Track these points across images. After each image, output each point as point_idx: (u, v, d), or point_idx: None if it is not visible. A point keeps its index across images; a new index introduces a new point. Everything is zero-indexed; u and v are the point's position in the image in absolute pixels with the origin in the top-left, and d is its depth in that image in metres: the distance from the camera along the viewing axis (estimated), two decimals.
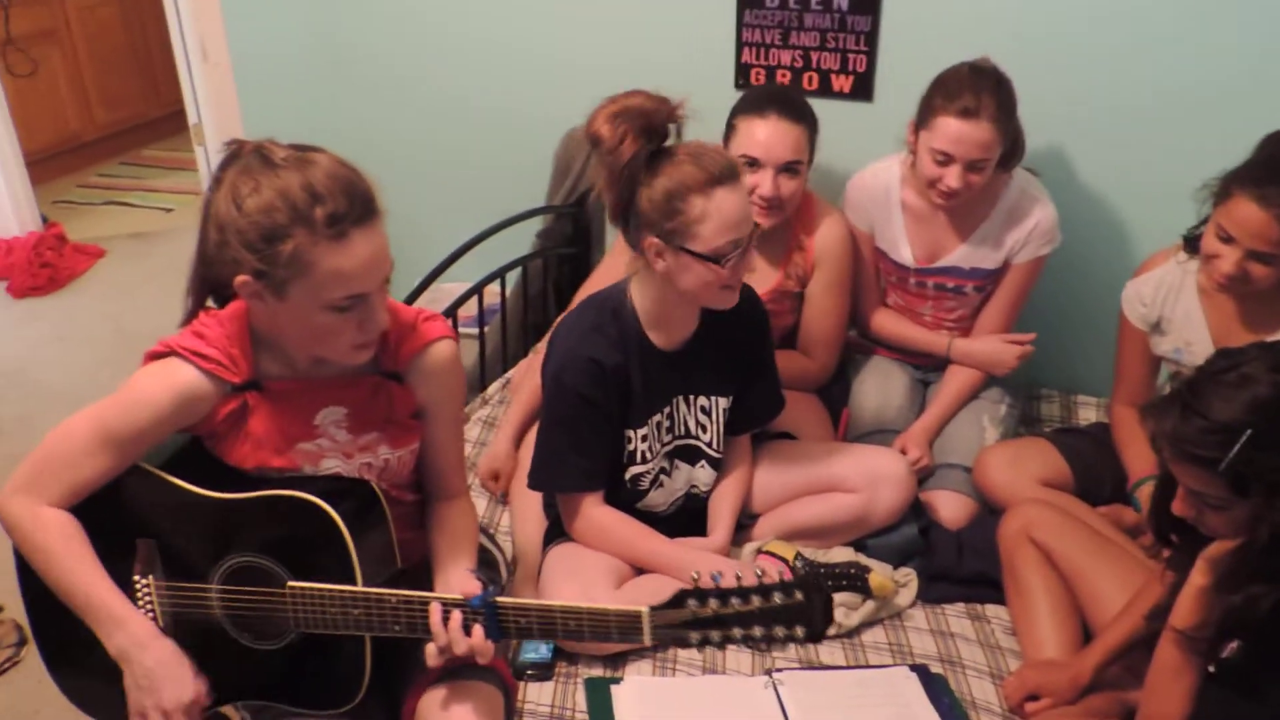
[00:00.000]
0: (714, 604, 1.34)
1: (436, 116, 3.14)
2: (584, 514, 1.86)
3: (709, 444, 1.95)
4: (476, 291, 2.58)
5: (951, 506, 2.18)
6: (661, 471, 1.93)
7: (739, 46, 2.68)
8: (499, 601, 1.40)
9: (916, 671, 1.76)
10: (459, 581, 1.47)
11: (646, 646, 1.74)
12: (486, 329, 2.73)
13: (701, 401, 1.92)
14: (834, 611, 1.39)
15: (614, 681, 1.72)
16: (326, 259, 1.30)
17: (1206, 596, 1.43)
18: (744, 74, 2.70)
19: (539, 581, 1.89)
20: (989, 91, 2.07)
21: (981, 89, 2.07)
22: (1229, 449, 1.30)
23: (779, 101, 2.20)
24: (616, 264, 2.26)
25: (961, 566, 2.02)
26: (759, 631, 1.34)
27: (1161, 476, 1.50)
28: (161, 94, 5.53)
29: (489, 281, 2.63)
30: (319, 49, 3.22)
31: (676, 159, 1.67)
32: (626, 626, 1.38)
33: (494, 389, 2.59)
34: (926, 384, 2.51)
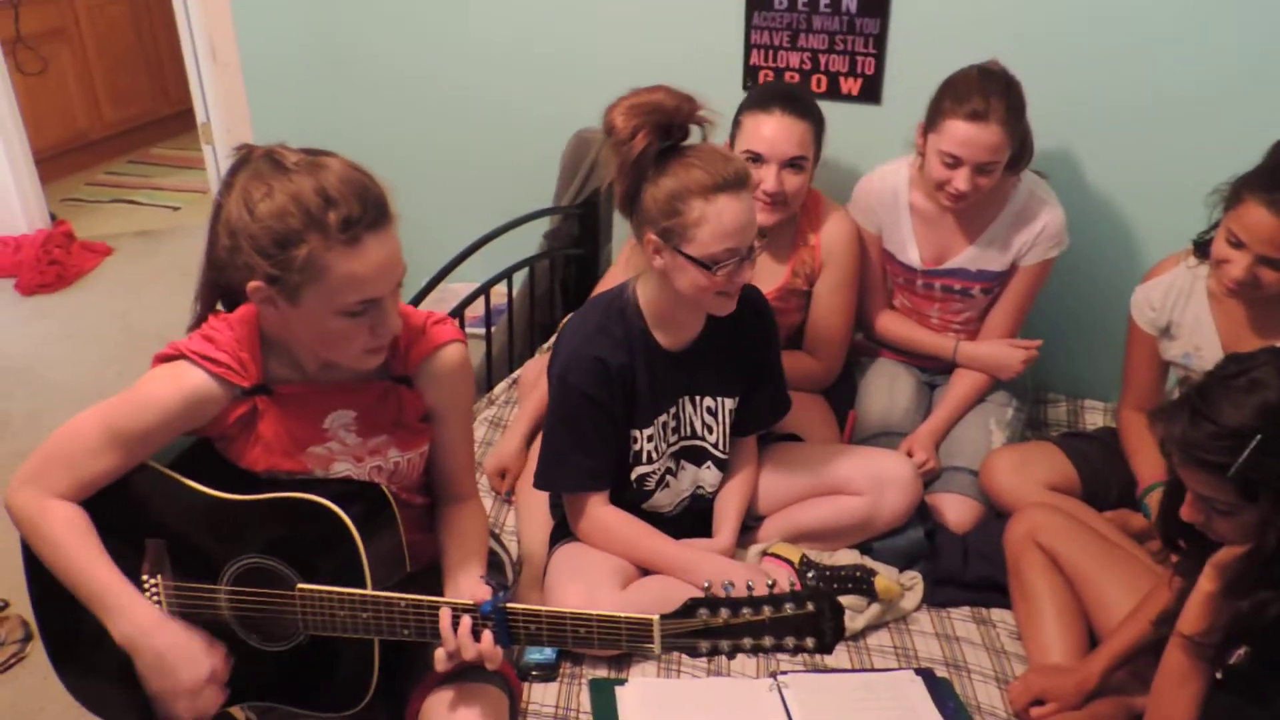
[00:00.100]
0: (725, 613, 1.34)
1: (445, 117, 3.15)
2: (589, 514, 1.86)
3: (715, 445, 1.95)
4: (483, 292, 2.58)
5: (957, 510, 2.18)
6: (667, 472, 1.93)
7: (747, 48, 2.68)
8: (509, 607, 1.40)
9: (921, 675, 1.76)
10: (469, 587, 1.47)
11: (656, 654, 1.74)
12: (493, 329, 2.74)
13: (707, 402, 1.92)
14: (844, 626, 1.38)
15: (619, 683, 1.72)
16: (340, 264, 1.30)
17: (1214, 602, 1.42)
18: (752, 76, 2.70)
19: (544, 582, 1.89)
20: (998, 94, 2.06)
21: (990, 92, 2.06)
22: (1238, 454, 1.30)
23: (784, 97, 2.20)
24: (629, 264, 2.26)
25: (967, 570, 2.01)
26: (769, 641, 1.34)
27: (1170, 482, 1.50)
28: (170, 93, 5.55)
29: (496, 282, 2.63)
30: (328, 50, 3.22)
31: (686, 160, 1.67)
32: (637, 634, 1.37)
33: (500, 389, 2.59)
34: (933, 387, 2.50)
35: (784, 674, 1.74)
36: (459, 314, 2.47)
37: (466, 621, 1.39)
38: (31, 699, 2.20)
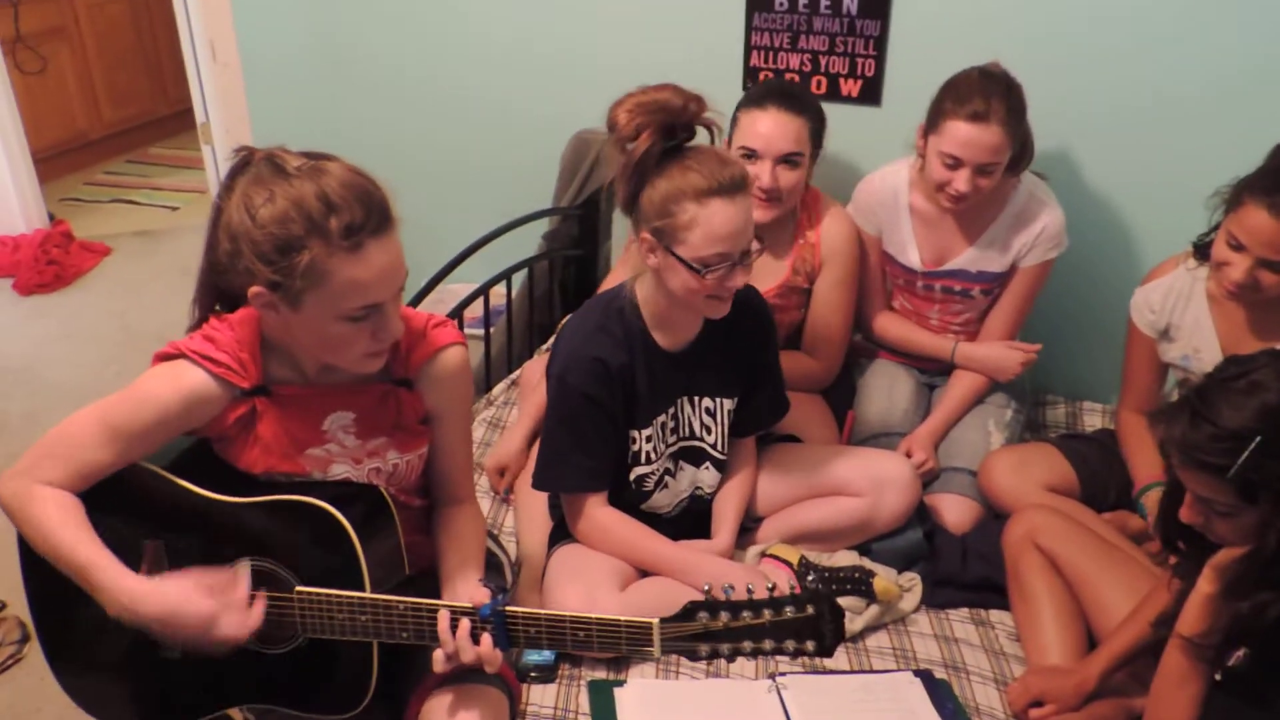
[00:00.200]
0: (725, 617, 1.34)
1: (444, 117, 3.14)
2: (587, 514, 1.86)
3: (713, 446, 1.95)
4: (483, 293, 2.58)
5: (956, 511, 2.18)
6: (666, 473, 1.93)
7: (747, 50, 2.68)
8: (508, 610, 1.40)
9: (920, 676, 1.76)
10: (467, 591, 1.47)
11: (655, 658, 1.74)
12: (492, 330, 2.74)
13: (706, 403, 1.92)
14: (844, 630, 1.38)
15: (617, 684, 1.72)
16: (342, 270, 1.29)
17: (1213, 604, 1.42)
18: (752, 77, 2.70)
19: (543, 583, 1.89)
20: (999, 96, 2.06)
21: (991, 93, 2.06)
22: (1238, 456, 1.30)
23: (779, 94, 2.21)
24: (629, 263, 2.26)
25: (966, 571, 2.01)
26: (769, 645, 1.34)
27: (1169, 483, 1.50)
28: (169, 92, 5.55)
29: (495, 283, 2.63)
30: (328, 50, 3.22)
31: (685, 162, 1.66)
32: (636, 637, 1.37)
33: (499, 390, 2.59)
34: (932, 388, 2.50)
35: (783, 675, 1.74)
36: (458, 315, 2.47)
37: (465, 624, 1.38)
38: (29, 700, 2.20)
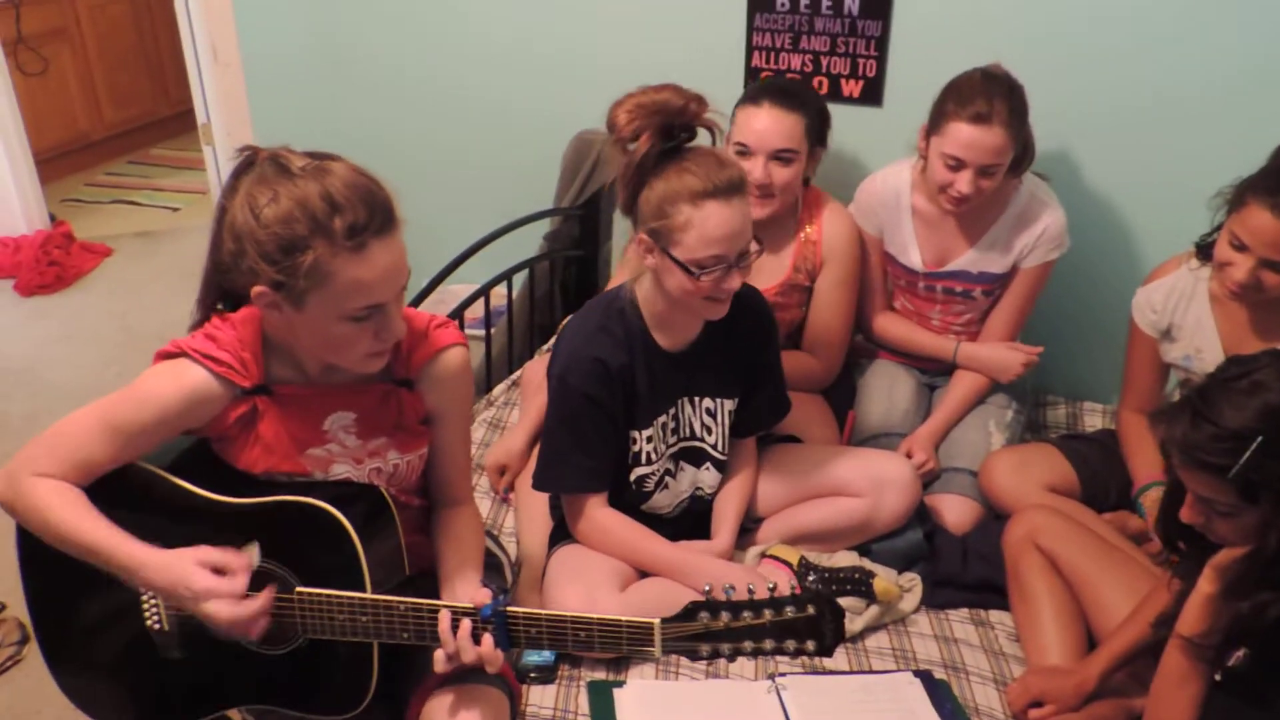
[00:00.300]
0: (725, 617, 1.34)
1: (446, 118, 3.15)
2: (587, 515, 1.86)
3: (714, 446, 1.95)
4: (484, 293, 2.58)
5: (957, 511, 2.18)
6: (666, 473, 1.93)
7: (749, 50, 2.68)
8: (509, 611, 1.40)
9: (920, 677, 1.76)
10: (467, 591, 1.47)
11: (656, 658, 1.74)
12: (493, 330, 2.73)
13: (707, 403, 1.92)
14: (844, 630, 1.38)
15: (617, 685, 1.72)
16: (346, 270, 1.29)
17: (1214, 604, 1.42)
18: (754, 77, 2.70)
19: (543, 583, 1.89)
20: (1001, 97, 2.06)
21: (994, 94, 2.06)
22: (1239, 456, 1.30)
23: (774, 91, 2.22)
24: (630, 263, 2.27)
25: (966, 572, 2.01)
26: (770, 644, 1.34)
27: (1170, 483, 1.50)
28: (170, 93, 5.55)
29: (496, 283, 2.63)
30: (329, 50, 3.22)
31: (682, 163, 1.66)
32: (637, 637, 1.37)
33: (500, 390, 2.59)
34: (932, 388, 2.50)
35: (782, 676, 1.74)
36: (459, 315, 2.47)
37: (466, 625, 1.38)
38: (28, 701, 2.20)
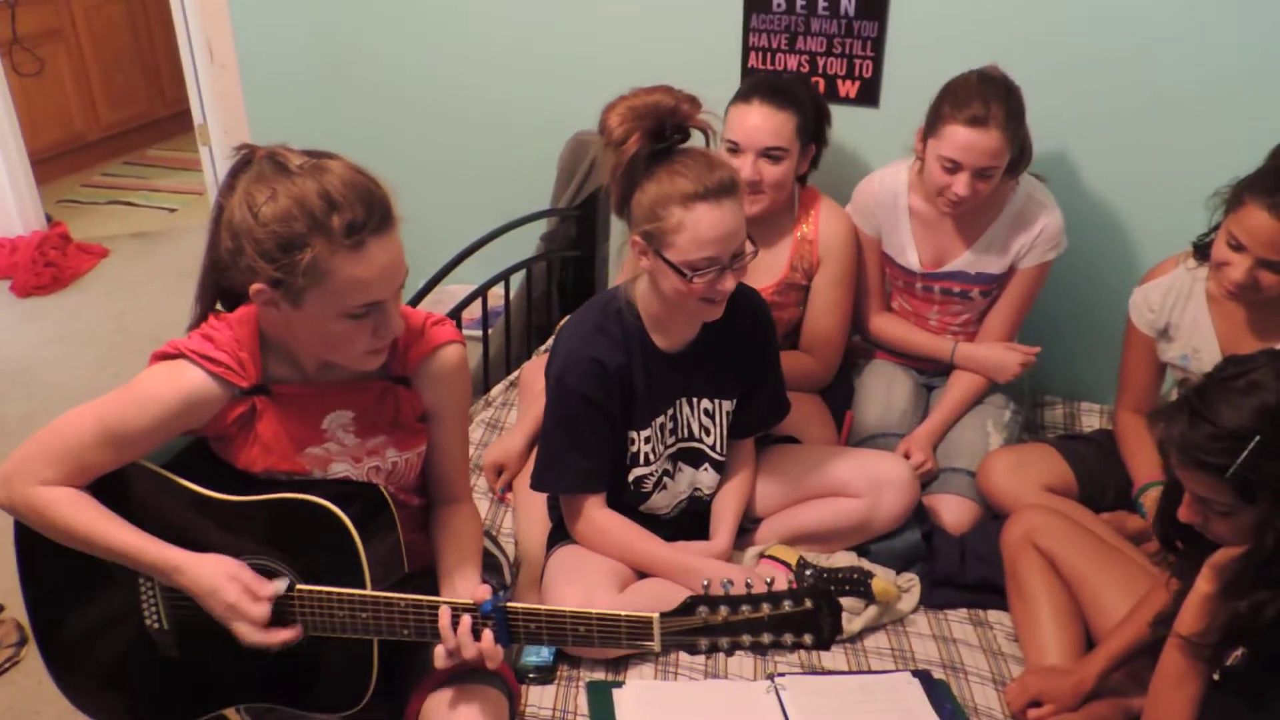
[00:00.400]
0: (724, 611, 1.34)
1: (442, 118, 3.15)
2: (585, 516, 1.86)
3: (712, 447, 1.95)
4: (481, 294, 2.58)
5: (955, 511, 2.18)
6: (664, 474, 1.93)
7: (745, 51, 2.68)
8: (508, 606, 1.40)
9: (919, 677, 1.76)
10: (467, 587, 1.47)
11: (655, 652, 1.74)
12: (490, 331, 2.73)
13: (705, 404, 1.92)
14: (841, 623, 1.38)
15: (616, 685, 1.72)
16: (344, 268, 1.30)
17: (1212, 603, 1.43)
18: (750, 78, 2.70)
19: (542, 584, 1.89)
20: (997, 99, 2.06)
21: (990, 97, 2.06)
22: (1236, 455, 1.30)
23: (764, 89, 2.22)
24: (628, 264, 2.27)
25: (964, 572, 2.01)
26: (768, 639, 1.35)
27: (1168, 483, 1.50)
28: (166, 94, 5.54)
29: (493, 284, 2.63)
30: (325, 50, 3.22)
31: (674, 166, 1.66)
32: (637, 632, 1.38)
33: (498, 391, 2.59)
34: (930, 388, 2.50)
35: (781, 676, 1.74)
36: (456, 316, 2.46)
37: (466, 620, 1.39)
38: (27, 702, 2.19)
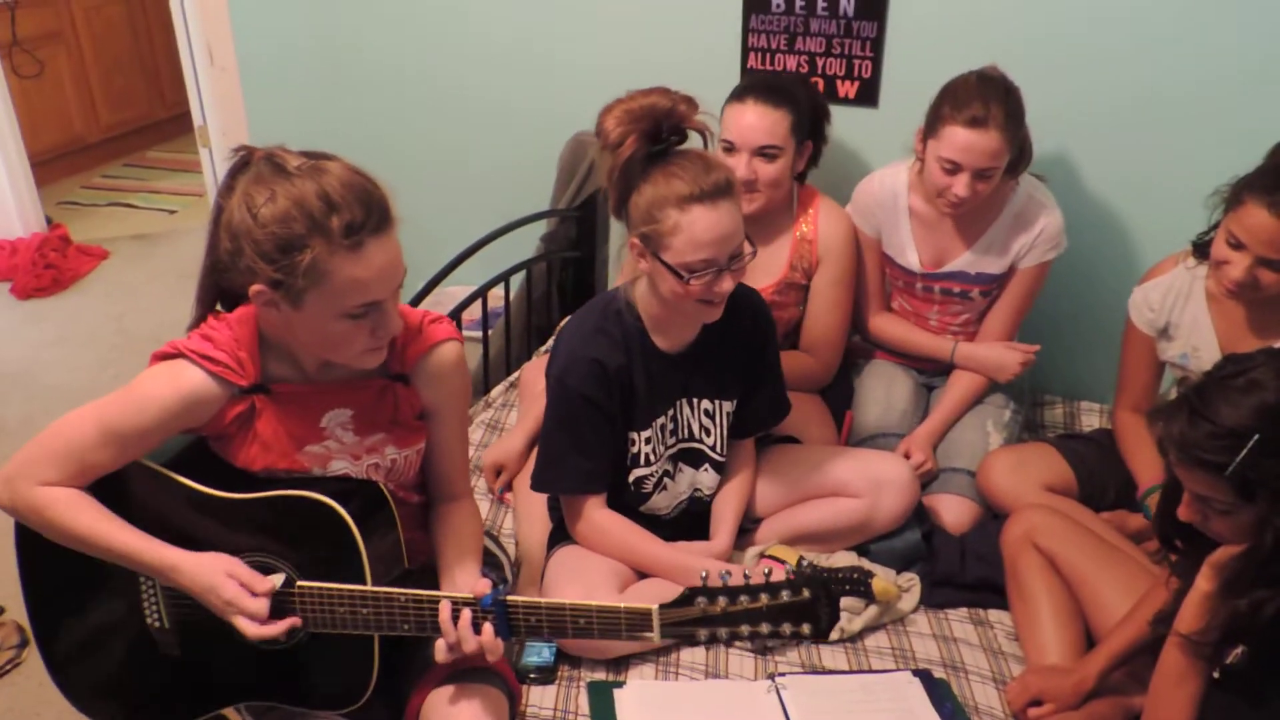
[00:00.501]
0: (722, 601, 1.35)
1: (442, 119, 3.15)
2: (586, 516, 1.86)
3: (712, 447, 1.95)
4: (481, 295, 2.58)
5: (955, 511, 2.18)
6: (665, 475, 1.93)
7: (744, 51, 2.68)
8: (509, 600, 1.40)
9: (919, 676, 1.76)
10: (467, 581, 1.48)
11: (655, 644, 1.74)
12: (490, 332, 2.74)
13: (705, 405, 1.92)
14: (840, 610, 1.39)
15: (617, 685, 1.72)
16: (343, 269, 1.30)
17: (1211, 602, 1.43)
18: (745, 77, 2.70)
19: (542, 584, 1.89)
20: (997, 100, 2.06)
21: (990, 98, 2.06)
22: (1236, 454, 1.30)
23: (759, 88, 2.23)
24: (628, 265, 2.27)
25: (965, 571, 2.01)
26: (766, 629, 1.35)
27: (1167, 481, 1.50)
28: (166, 96, 5.55)
29: (493, 285, 2.63)
30: (325, 52, 3.23)
31: (670, 168, 1.66)
32: (636, 624, 1.38)
33: (498, 392, 2.59)
34: (930, 388, 2.51)
35: (782, 676, 1.74)
36: (456, 317, 2.46)
37: (466, 614, 1.39)
38: (28, 704, 2.19)
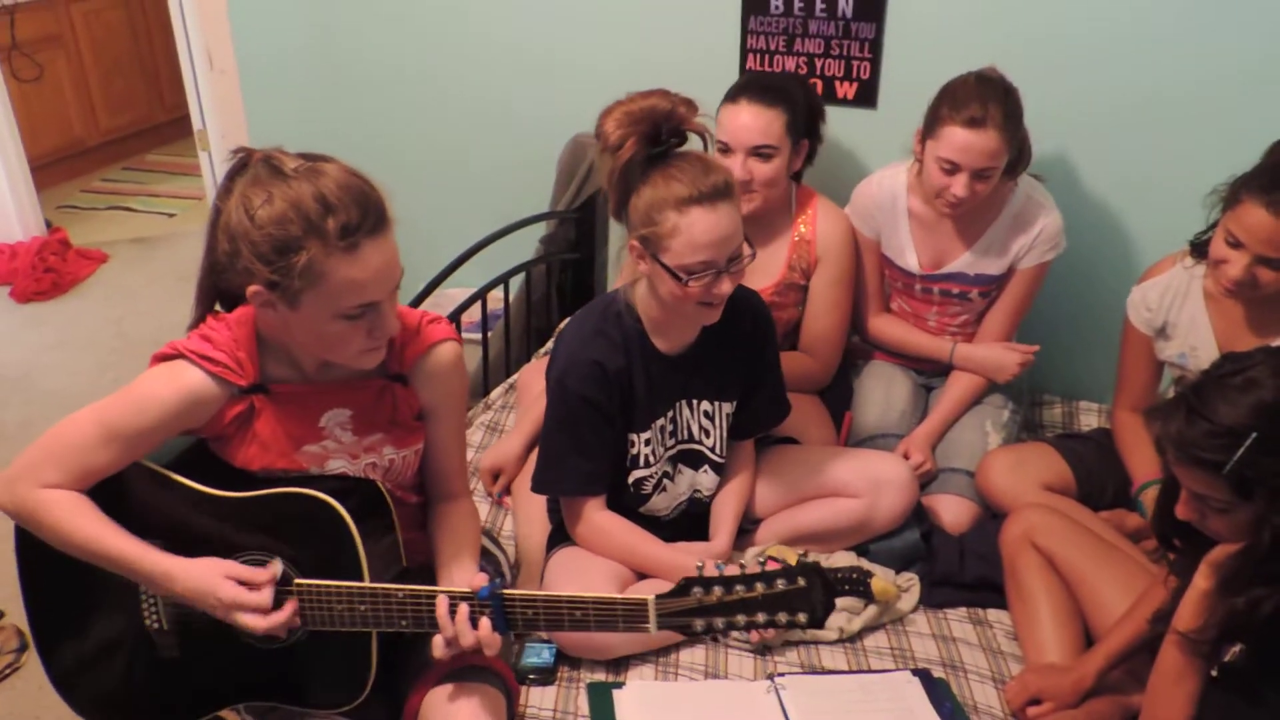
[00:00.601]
0: (718, 591, 1.35)
1: (441, 122, 3.15)
2: (585, 518, 1.86)
3: (712, 449, 1.96)
4: (480, 297, 2.59)
5: (954, 511, 2.18)
6: (664, 476, 1.93)
7: (743, 53, 2.69)
8: (505, 593, 1.41)
9: (919, 676, 1.76)
10: (464, 577, 1.48)
11: (653, 636, 1.74)
12: (490, 334, 2.74)
13: (705, 406, 1.92)
14: (835, 600, 1.39)
15: (616, 686, 1.72)
16: (339, 270, 1.31)
17: (1209, 600, 1.43)
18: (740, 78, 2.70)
19: (542, 585, 1.89)
20: (995, 101, 2.07)
21: (988, 98, 2.06)
22: (1233, 452, 1.31)
23: (753, 87, 2.23)
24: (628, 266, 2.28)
25: (964, 571, 2.02)
26: (762, 618, 1.35)
27: (1165, 480, 1.50)
28: (165, 99, 5.56)
29: (493, 287, 2.63)
30: (324, 55, 3.23)
31: (668, 170, 1.66)
32: (632, 615, 1.39)
33: (497, 394, 2.59)
34: (929, 389, 2.51)
35: (781, 676, 1.75)
36: (455, 319, 2.46)
37: (464, 608, 1.39)
38: (27, 708, 2.19)
